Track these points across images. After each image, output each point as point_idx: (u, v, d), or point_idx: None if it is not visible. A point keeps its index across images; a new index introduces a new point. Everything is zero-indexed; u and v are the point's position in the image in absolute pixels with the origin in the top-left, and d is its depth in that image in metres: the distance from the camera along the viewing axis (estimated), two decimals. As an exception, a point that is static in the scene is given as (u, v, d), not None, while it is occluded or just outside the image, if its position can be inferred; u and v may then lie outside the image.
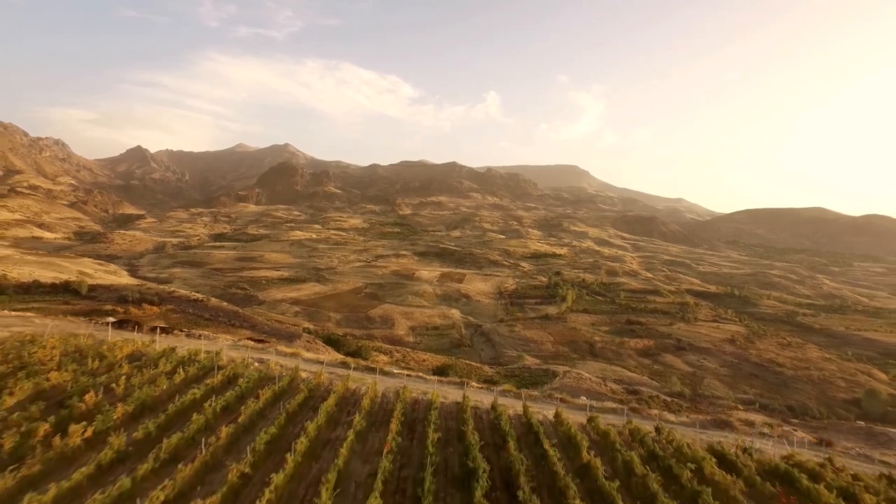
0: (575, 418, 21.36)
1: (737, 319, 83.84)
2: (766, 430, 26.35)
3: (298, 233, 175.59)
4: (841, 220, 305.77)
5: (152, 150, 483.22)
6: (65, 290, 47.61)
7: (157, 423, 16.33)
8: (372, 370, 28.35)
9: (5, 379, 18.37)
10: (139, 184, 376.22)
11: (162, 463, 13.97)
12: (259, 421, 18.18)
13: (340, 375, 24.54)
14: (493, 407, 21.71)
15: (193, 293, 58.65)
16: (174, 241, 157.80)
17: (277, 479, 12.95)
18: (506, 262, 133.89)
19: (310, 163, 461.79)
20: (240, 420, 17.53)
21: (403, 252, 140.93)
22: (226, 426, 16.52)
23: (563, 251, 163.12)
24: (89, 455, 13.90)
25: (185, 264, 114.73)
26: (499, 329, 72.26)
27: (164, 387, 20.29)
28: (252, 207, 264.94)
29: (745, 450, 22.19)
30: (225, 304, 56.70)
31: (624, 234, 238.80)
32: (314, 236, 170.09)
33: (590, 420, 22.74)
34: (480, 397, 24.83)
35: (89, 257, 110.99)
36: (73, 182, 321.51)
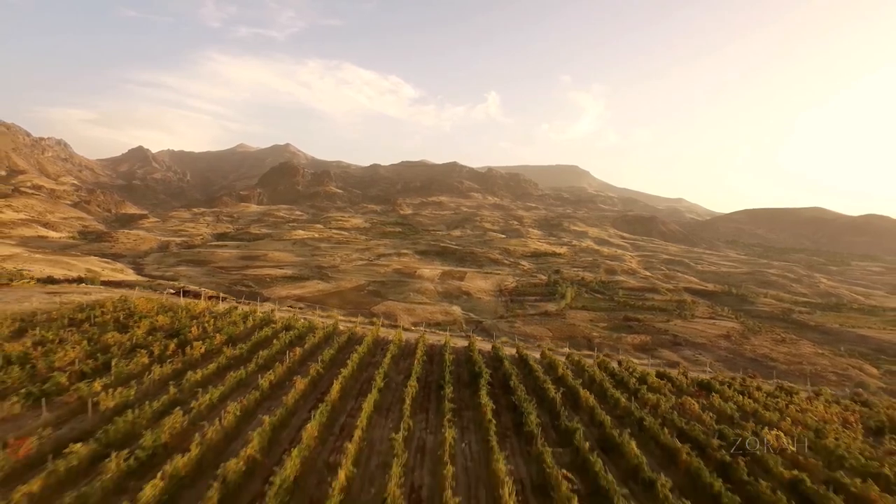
0: (560, 360, 29.30)
1: (733, 317, 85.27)
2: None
3: (301, 232, 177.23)
4: (840, 220, 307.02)
5: (153, 150, 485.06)
6: (79, 285, 49.09)
7: (246, 347, 24.48)
8: (395, 327, 37.95)
9: (128, 319, 27.34)
10: (141, 184, 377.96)
11: (259, 367, 21.64)
12: (318, 350, 25.98)
13: (370, 329, 32.16)
14: (494, 347, 29.79)
15: (206, 290, 60.24)
16: (177, 240, 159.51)
17: (344, 372, 20.35)
18: (506, 261, 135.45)
19: (311, 163, 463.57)
20: (305, 347, 25.66)
21: (405, 251, 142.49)
22: (297, 350, 24.38)
23: (562, 250, 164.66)
24: (207, 363, 21.40)
25: (189, 263, 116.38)
26: (499, 325, 73.81)
27: (241, 328, 29.08)
28: (254, 207, 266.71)
29: (684, 374, 30.31)
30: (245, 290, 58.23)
31: (624, 234, 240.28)
32: (316, 235, 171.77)
33: (568, 356, 31.19)
34: (483, 346, 32.10)
35: (95, 256, 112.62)
36: (75, 182, 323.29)
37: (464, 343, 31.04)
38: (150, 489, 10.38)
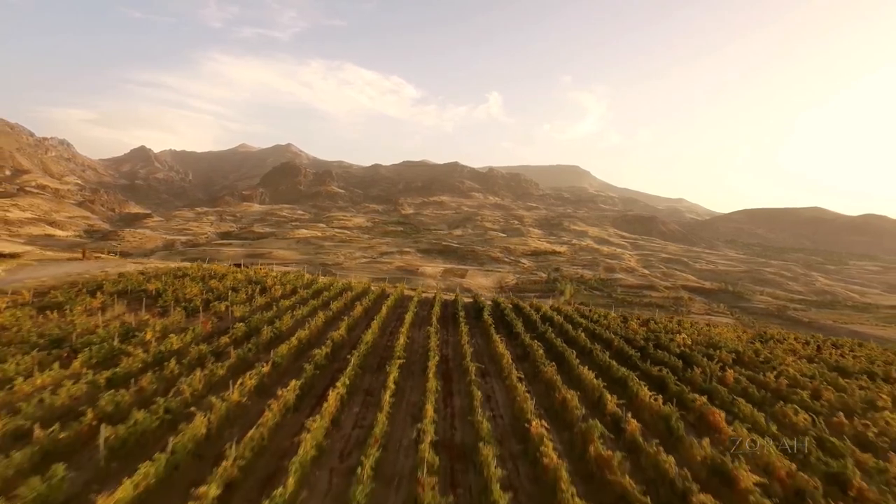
0: (546, 306, 37.96)
1: (728, 313, 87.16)
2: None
3: (303, 231, 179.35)
4: (839, 219, 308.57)
5: (155, 150, 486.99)
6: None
7: (310, 292, 33.01)
8: (413, 289, 46.97)
9: (213, 276, 35.87)
10: (143, 184, 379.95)
11: (324, 303, 30.56)
12: (360, 297, 33.96)
13: (395, 289, 39.95)
14: (495, 299, 39.49)
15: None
16: (182, 238, 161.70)
17: (385, 306, 28.52)
18: (507, 259, 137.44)
19: (312, 163, 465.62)
20: (350, 295, 34.08)
21: (407, 249, 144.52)
22: (347, 294, 33.79)
23: (562, 249, 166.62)
24: (286, 299, 30.41)
25: (195, 260, 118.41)
26: (500, 320, 75.67)
27: (301, 282, 38.14)
28: (256, 206, 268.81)
29: (638, 317, 40.32)
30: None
31: (623, 233, 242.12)
32: (319, 234, 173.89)
33: (551, 305, 39.42)
34: (487, 303, 39.65)
35: (103, 254, 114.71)
36: (78, 182, 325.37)
37: (471, 300, 41.13)
38: (285, 347, 18.25)
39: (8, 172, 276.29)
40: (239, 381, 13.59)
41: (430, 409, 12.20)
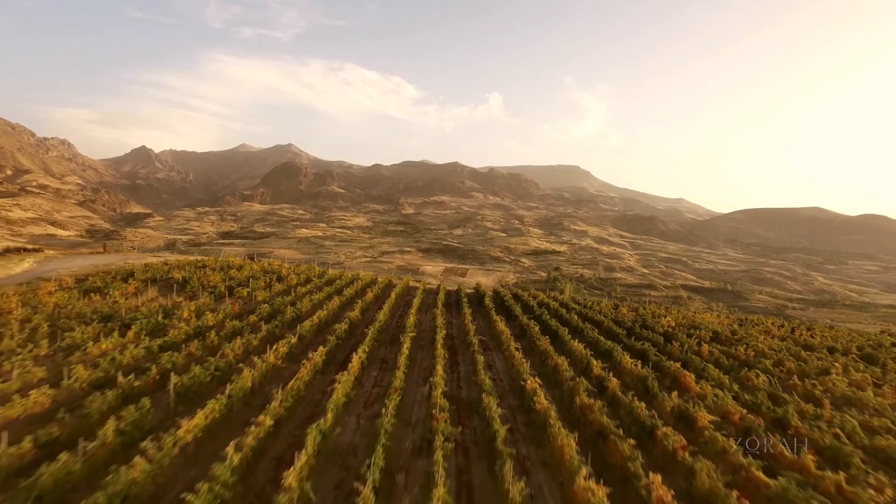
0: (544, 296, 40.24)
1: (727, 312, 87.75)
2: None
3: (304, 231, 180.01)
4: (838, 219, 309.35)
5: (156, 150, 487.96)
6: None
7: (323, 280, 36.24)
8: (418, 281, 49.14)
9: (231, 267, 38.27)
10: (144, 183, 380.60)
11: (336, 290, 32.33)
12: (369, 286, 35.95)
13: (401, 281, 42.38)
14: (496, 290, 41.58)
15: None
16: (184, 238, 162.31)
17: (389, 300, 28.81)
18: (507, 259, 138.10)
19: (313, 163, 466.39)
20: (360, 284, 36.50)
21: (408, 248, 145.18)
22: (357, 283, 36.53)
23: (562, 248, 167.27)
24: (301, 287, 32.76)
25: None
26: (500, 318, 76.26)
27: (314, 272, 41.79)
28: (257, 206, 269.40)
29: (629, 305, 41.58)
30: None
31: (623, 233, 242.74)
32: (320, 234, 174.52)
33: (548, 295, 42.43)
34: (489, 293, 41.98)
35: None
36: (80, 182, 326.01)
37: (473, 290, 43.64)
38: (308, 324, 20.59)
39: (9, 172, 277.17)
40: (273, 348, 16.18)
41: (439, 369, 14.21)
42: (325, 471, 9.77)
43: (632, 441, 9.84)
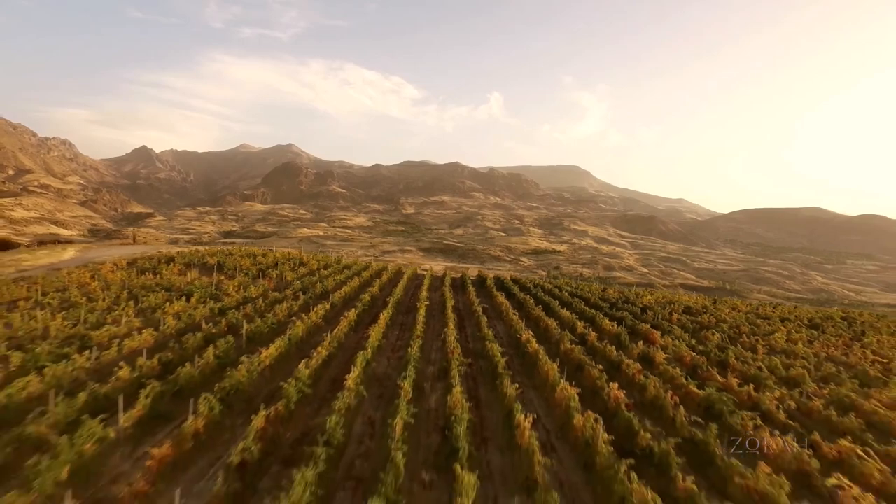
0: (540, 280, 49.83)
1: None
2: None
3: (306, 230, 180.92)
4: (837, 219, 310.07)
5: (157, 149, 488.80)
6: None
7: (339, 266, 40.84)
8: (425, 269, 53.27)
9: (255, 257, 41.57)
10: (145, 183, 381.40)
11: (353, 273, 36.10)
12: (380, 272, 39.35)
13: (409, 268, 46.33)
14: (497, 276, 47.95)
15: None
16: (186, 237, 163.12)
17: (402, 281, 33.08)
18: (507, 258, 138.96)
19: (313, 163, 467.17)
20: (372, 270, 40.64)
21: (409, 248, 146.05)
22: (371, 268, 41.03)
23: (562, 248, 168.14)
24: (319, 271, 37.47)
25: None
26: (501, 316, 77.16)
27: (330, 260, 49.03)
28: (258, 206, 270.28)
29: (620, 292, 45.26)
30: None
31: (623, 233, 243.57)
32: (321, 233, 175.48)
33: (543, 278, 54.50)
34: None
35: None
36: (81, 181, 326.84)
37: (475, 276, 47.73)
38: (337, 295, 25.53)
39: (11, 172, 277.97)
40: (314, 310, 20.82)
41: (451, 327, 17.98)
42: (369, 387, 13.13)
43: (601, 367, 13.88)
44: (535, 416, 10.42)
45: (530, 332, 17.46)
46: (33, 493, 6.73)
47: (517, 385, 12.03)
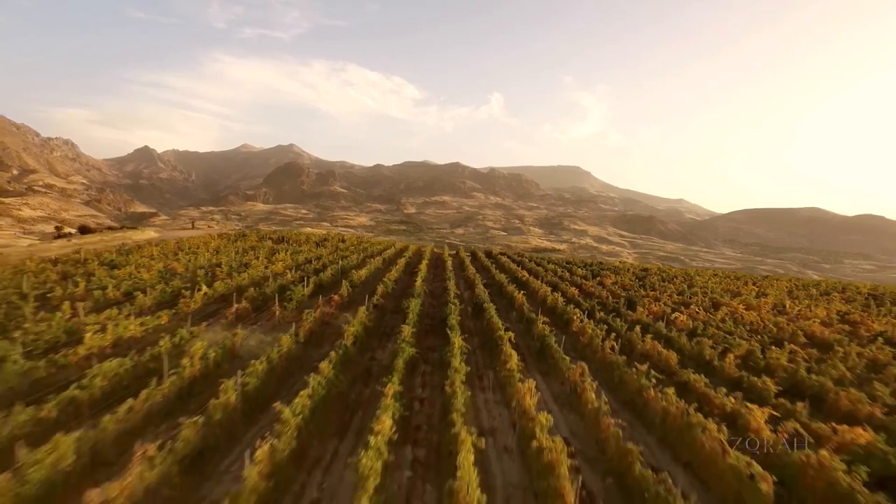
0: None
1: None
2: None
3: (308, 230, 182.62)
4: (836, 219, 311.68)
5: (158, 150, 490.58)
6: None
7: (363, 246, 48.01)
8: (441, 249, 58.18)
9: (307, 236, 55.43)
10: (147, 183, 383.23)
11: (378, 251, 42.68)
12: (399, 256, 42.24)
13: (427, 248, 52.10)
14: (488, 250, 61.97)
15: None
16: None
17: (427, 254, 41.76)
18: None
19: (314, 163, 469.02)
20: (396, 248, 49.45)
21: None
22: (392, 249, 46.66)
23: (562, 247, 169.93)
24: (359, 246, 46.90)
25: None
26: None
27: (356, 240, 57.62)
28: (261, 206, 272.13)
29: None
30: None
31: (622, 232, 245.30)
32: (324, 233, 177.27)
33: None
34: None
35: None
36: (84, 181, 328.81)
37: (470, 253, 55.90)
38: (384, 255, 37.69)
39: (16, 172, 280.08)
40: (371, 262, 30.52)
41: (451, 277, 24.97)
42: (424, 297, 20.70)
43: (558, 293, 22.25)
44: (497, 306, 18.50)
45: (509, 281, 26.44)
46: (292, 303, 16.87)
47: (484, 281, 25.40)
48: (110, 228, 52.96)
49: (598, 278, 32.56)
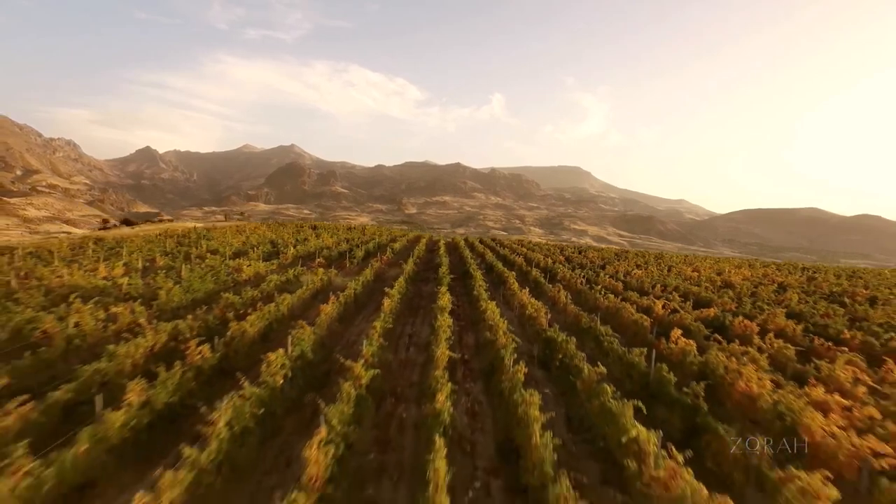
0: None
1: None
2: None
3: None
4: (835, 219, 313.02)
5: (160, 150, 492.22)
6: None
7: (375, 235, 51.19)
8: (452, 239, 62.44)
9: (314, 228, 55.45)
10: (149, 183, 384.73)
11: (395, 237, 49.61)
12: (418, 240, 47.83)
13: (424, 236, 58.02)
14: (482, 239, 64.86)
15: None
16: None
17: (419, 245, 38.60)
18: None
19: (316, 163, 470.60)
20: (412, 236, 59.22)
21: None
22: (407, 237, 55.20)
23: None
24: (364, 234, 51.27)
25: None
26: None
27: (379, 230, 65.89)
28: (262, 206, 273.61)
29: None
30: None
31: (622, 232, 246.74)
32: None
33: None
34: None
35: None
36: (87, 182, 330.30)
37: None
38: (398, 244, 39.69)
39: (19, 172, 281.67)
40: (392, 245, 36.26)
41: (444, 255, 28.75)
42: (418, 264, 27.47)
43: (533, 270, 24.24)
44: (502, 265, 24.26)
45: (498, 262, 27.72)
46: (356, 260, 27.29)
47: (492, 254, 31.46)
48: (149, 221, 59.03)
49: (584, 253, 41.05)
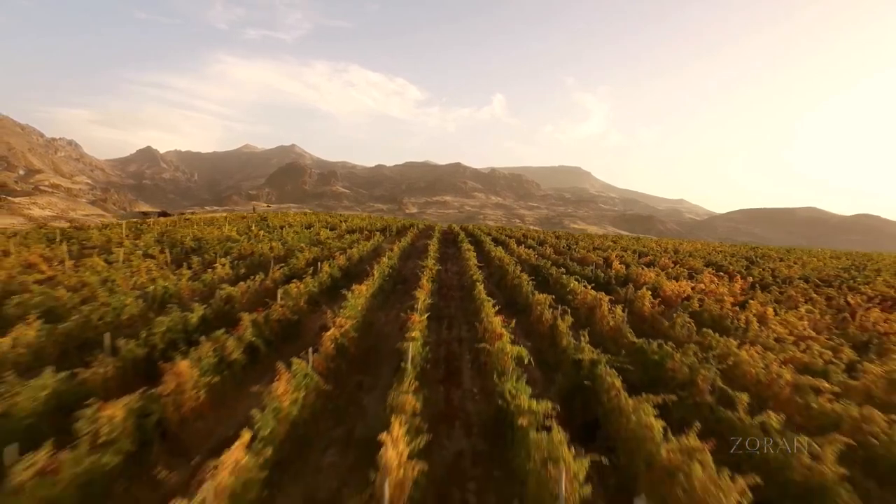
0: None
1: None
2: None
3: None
4: (834, 219, 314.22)
5: (161, 150, 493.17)
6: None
7: (398, 223, 60.41)
8: (453, 230, 64.36)
9: (347, 219, 58.00)
10: (150, 183, 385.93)
11: (407, 226, 53.92)
12: (431, 228, 55.25)
13: (438, 225, 65.41)
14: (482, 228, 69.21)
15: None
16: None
17: (436, 228, 53.74)
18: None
19: (316, 163, 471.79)
20: (423, 225, 66.46)
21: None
22: (419, 226, 59.56)
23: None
24: (391, 225, 53.24)
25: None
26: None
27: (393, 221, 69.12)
28: (263, 206, 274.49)
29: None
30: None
31: (621, 232, 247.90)
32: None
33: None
34: None
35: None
36: (89, 181, 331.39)
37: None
38: (411, 232, 40.53)
39: (22, 172, 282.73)
40: (416, 224, 54.57)
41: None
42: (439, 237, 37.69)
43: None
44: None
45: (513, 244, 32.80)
46: (388, 235, 37.84)
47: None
48: (181, 213, 65.55)
49: (571, 239, 45.84)
